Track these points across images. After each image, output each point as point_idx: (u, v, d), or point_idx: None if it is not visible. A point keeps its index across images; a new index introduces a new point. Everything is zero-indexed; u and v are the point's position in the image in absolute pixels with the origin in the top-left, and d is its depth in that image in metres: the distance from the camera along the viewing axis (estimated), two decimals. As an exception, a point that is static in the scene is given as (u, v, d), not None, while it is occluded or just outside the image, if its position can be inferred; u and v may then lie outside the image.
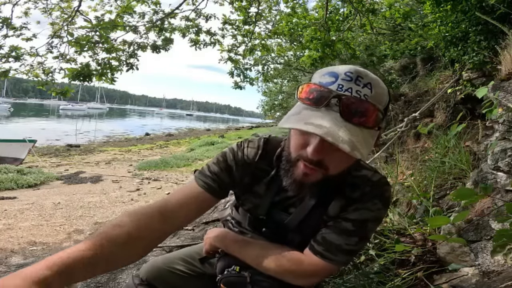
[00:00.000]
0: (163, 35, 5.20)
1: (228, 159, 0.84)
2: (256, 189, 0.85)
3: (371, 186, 0.78)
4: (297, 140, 0.68)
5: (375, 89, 0.64)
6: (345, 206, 0.78)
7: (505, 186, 1.37)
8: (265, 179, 0.84)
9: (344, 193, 0.78)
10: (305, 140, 0.66)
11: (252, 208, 0.87)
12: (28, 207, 4.02)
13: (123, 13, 4.74)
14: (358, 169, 0.80)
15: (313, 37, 4.61)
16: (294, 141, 0.70)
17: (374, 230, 0.82)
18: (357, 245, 0.76)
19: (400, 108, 4.03)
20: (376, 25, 5.21)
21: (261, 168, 0.84)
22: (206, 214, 3.00)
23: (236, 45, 6.00)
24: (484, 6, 2.46)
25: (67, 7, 4.77)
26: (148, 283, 1.00)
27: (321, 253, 0.75)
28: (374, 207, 0.77)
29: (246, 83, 7.22)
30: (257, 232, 0.88)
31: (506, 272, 1.11)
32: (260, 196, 0.85)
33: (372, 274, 1.37)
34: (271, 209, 0.84)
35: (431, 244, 1.50)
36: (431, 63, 4.07)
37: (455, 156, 2.23)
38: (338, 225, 0.77)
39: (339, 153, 0.61)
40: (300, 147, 0.67)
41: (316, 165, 0.66)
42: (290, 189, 0.74)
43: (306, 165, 0.67)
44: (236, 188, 0.87)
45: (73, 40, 4.40)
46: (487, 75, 2.72)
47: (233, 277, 0.82)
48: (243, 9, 5.42)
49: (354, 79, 0.63)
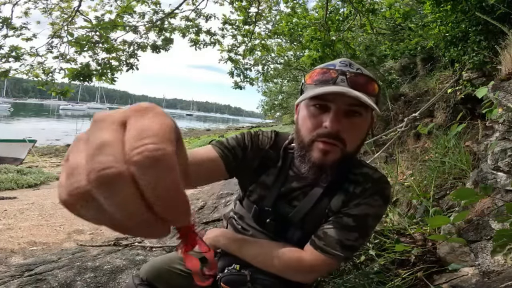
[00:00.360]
0: (163, 35, 5.20)
1: (245, 139, 0.87)
2: (263, 180, 0.87)
3: (372, 183, 0.80)
4: (311, 121, 0.75)
5: (365, 71, 0.77)
6: (347, 201, 0.80)
7: (505, 186, 1.37)
8: (273, 169, 0.86)
9: (346, 189, 0.81)
10: (318, 120, 0.73)
11: (258, 199, 0.88)
12: (28, 207, 4.02)
13: (123, 13, 4.73)
14: (360, 167, 0.83)
15: (313, 37, 4.61)
16: (307, 124, 0.75)
17: (374, 227, 0.83)
18: (357, 241, 0.77)
19: (400, 108, 4.03)
20: (376, 25, 5.20)
21: (269, 157, 0.87)
22: (206, 214, 3.00)
23: (236, 45, 6.00)
24: (484, 6, 2.46)
25: (67, 7, 4.77)
26: (148, 283, 1.00)
27: (321, 248, 0.77)
28: (375, 203, 0.79)
29: (246, 83, 7.21)
30: (260, 225, 0.88)
31: (506, 272, 1.11)
32: (267, 187, 0.86)
33: (372, 274, 1.37)
34: (277, 201, 0.85)
35: (431, 244, 1.50)
36: (431, 63, 4.07)
37: (455, 156, 2.23)
38: (340, 220, 0.78)
39: (354, 126, 0.73)
40: (315, 127, 0.74)
41: (335, 138, 0.72)
42: (309, 174, 0.78)
43: (325, 142, 0.72)
44: (245, 170, 0.87)
45: (73, 40, 4.39)
46: (487, 75, 2.73)
47: (233, 276, 0.83)
48: (243, 9, 5.41)
49: (348, 64, 0.77)
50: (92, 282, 1.77)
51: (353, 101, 0.71)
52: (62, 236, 2.49)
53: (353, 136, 0.75)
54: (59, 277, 1.79)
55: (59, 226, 3.00)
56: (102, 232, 2.68)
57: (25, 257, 2.06)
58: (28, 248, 2.32)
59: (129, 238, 2.49)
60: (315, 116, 0.74)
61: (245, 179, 0.90)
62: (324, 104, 0.73)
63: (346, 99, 0.71)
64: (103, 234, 2.65)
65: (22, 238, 2.57)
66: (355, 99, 0.69)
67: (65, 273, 1.84)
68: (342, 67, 0.75)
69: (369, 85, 0.74)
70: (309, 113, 0.75)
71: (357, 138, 0.76)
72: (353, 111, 0.73)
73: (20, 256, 2.06)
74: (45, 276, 1.80)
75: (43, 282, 1.74)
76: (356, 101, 0.71)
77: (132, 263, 2.02)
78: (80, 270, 1.89)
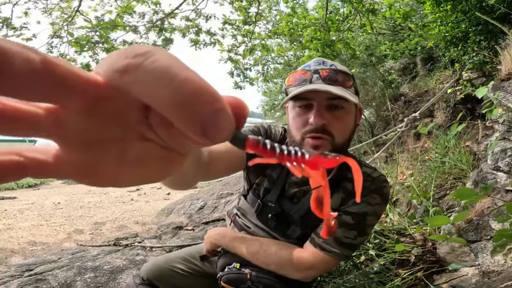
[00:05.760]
0: (163, 35, 5.20)
1: (261, 131, 0.90)
2: (270, 173, 0.89)
3: (370, 181, 0.82)
4: (298, 121, 0.79)
5: (339, 66, 0.83)
6: (345, 199, 0.81)
7: (505, 186, 1.37)
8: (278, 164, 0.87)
9: (345, 187, 0.82)
10: (304, 118, 0.78)
11: (264, 192, 0.89)
12: (28, 207, 4.02)
13: (123, 13, 4.73)
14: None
15: (313, 37, 4.61)
16: (295, 123, 0.79)
17: (373, 225, 0.84)
18: (356, 238, 0.78)
19: (400, 108, 4.03)
20: (376, 25, 5.20)
21: None
22: (206, 214, 3.00)
23: (236, 45, 6.00)
24: (484, 6, 2.46)
25: (67, 7, 4.77)
26: (149, 282, 1.00)
27: (320, 245, 0.77)
28: (373, 201, 0.80)
29: (246, 83, 7.22)
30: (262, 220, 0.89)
31: (506, 272, 1.11)
32: (273, 180, 0.88)
33: (372, 274, 1.37)
34: (280, 197, 0.87)
35: (431, 244, 1.50)
36: (431, 63, 4.07)
37: (455, 156, 2.23)
38: (338, 218, 0.79)
39: (338, 118, 0.77)
40: (302, 125, 0.78)
41: (322, 132, 0.75)
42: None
43: (313, 137, 0.75)
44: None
45: (73, 40, 4.39)
46: (487, 75, 2.73)
47: (234, 274, 0.83)
48: (243, 9, 5.41)
49: (321, 63, 0.82)
50: (92, 282, 1.77)
51: (331, 95, 0.75)
52: (62, 236, 2.49)
53: (339, 128, 0.78)
54: (59, 277, 1.79)
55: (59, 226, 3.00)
56: (102, 232, 2.68)
57: (25, 257, 2.06)
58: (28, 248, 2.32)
59: (129, 238, 2.49)
60: (300, 115, 0.79)
61: (255, 171, 0.92)
62: (307, 103, 0.78)
63: (324, 95, 0.76)
64: (103, 234, 2.65)
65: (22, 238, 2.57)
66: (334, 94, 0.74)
67: (65, 273, 1.84)
68: (316, 66, 0.81)
69: (342, 78, 0.79)
70: (295, 114, 0.80)
71: (343, 129, 0.79)
72: (334, 105, 0.78)
73: (20, 256, 2.06)
74: (45, 276, 1.80)
75: (43, 282, 1.74)
76: (334, 95, 0.75)
77: (132, 263, 2.02)
78: (80, 270, 1.89)
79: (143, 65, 0.15)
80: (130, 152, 0.18)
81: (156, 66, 0.15)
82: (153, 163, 0.19)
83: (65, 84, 0.15)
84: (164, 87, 0.14)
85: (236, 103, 0.17)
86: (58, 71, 0.14)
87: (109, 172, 0.19)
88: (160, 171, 0.20)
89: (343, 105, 0.78)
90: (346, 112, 0.79)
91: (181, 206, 3.21)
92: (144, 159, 0.19)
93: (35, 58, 0.14)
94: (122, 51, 0.16)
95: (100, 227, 2.73)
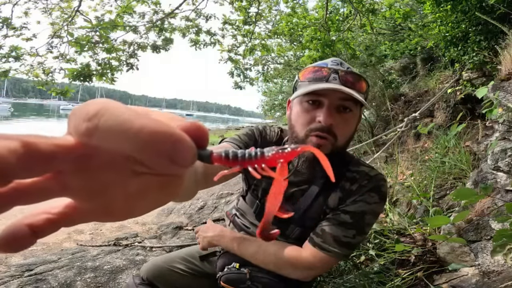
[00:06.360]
0: (163, 35, 5.20)
1: (255, 133, 0.90)
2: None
3: (368, 180, 0.82)
4: (305, 116, 0.78)
5: (355, 70, 0.82)
6: (344, 198, 0.81)
7: (505, 186, 1.37)
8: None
9: (343, 186, 0.82)
10: (312, 115, 0.77)
11: (262, 192, 0.89)
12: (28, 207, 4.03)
13: (123, 13, 4.73)
14: (357, 165, 0.85)
15: (313, 37, 4.60)
16: (301, 119, 0.78)
17: (371, 224, 0.84)
18: (354, 237, 0.78)
19: (400, 108, 4.03)
20: (376, 25, 5.20)
21: None
22: (206, 214, 3.00)
23: (236, 45, 6.00)
24: (484, 6, 2.46)
25: (67, 7, 4.77)
26: (149, 282, 1.00)
27: (319, 245, 0.77)
28: (371, 200, 0.80)
29: (246, 83, 7.21)
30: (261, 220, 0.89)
31: (506, 272, 1.11)
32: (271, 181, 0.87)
33: (372, 274, 1.37)
34: None
35: (431, 244, 1.50)
36: (431, 63, 4.07)
37: (455, 156, 2.23)
38: (337, 217, 0.79)
39: (345, 120, 0.78)
40: (308, 122, 0.77)
41: (327, 132, 0.75)
42: (302, 169, 0.82)
43: (318, 136, 0.75)
44: None
45: (73, 40, 4.39)
46: (487, 75, 2.72)
47: (233, 274, 0.83)
48: (243, 9, 5.41)
49: (339, 63, 0.82)
50: (92, 282, 1.77)
51: (345, 97, 0.75)
52: (62, 236, 2.49)
53: (344, 131, 0.79)
54: (59, 277, 1.79)
55: (59, 226, 3.00)
56: (102, 232, 2.68)
57: (25, 257, 2.06)
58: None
59: (129, 238, 2.49)
60: (308, 111, 0.78)
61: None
62: (317, 99, 0.77)
63: (338, 95, 0.75)
64: (103, 234, 2.64)
65: (22, 238, 2.57)
66: (347, 95, 0.74)
67: (65, 273, 1.84)
68: (334, 65, 0.81)
69: (359, 83, 0.79)
70: (303, 109, 0.79)
71: (347, 132, 0.80)
72: (344, 107, 0.78)
73: (20, 256, 2.06)
74: (45, 276, 1.80)
75: (43, 282, 1.74)
76: (348, 97, 0.75)
77: (132, 263, 2.02)
78: (80, 270, 1.89)
79: (99, 126, 0.17)
80: (131, 188, 0.20)
81: (110, 124, 0.17)
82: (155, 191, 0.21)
83: (47, 156, 0.17)
84: (124, 140, 0.17)
85: (194, 128, 0.20)
86: (38, 149, 0.16)
87: (122, 208, 0.21)
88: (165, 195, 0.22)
89: (352, 108, 0.78)
90: (353, 115, 0.80)
91: (181, 206, 3.22)
92: (145, 190, 0.20)
93: (16, 146, 0.16)
94: (79, 111, 0.18)
95: (100, 227, 2.73)
